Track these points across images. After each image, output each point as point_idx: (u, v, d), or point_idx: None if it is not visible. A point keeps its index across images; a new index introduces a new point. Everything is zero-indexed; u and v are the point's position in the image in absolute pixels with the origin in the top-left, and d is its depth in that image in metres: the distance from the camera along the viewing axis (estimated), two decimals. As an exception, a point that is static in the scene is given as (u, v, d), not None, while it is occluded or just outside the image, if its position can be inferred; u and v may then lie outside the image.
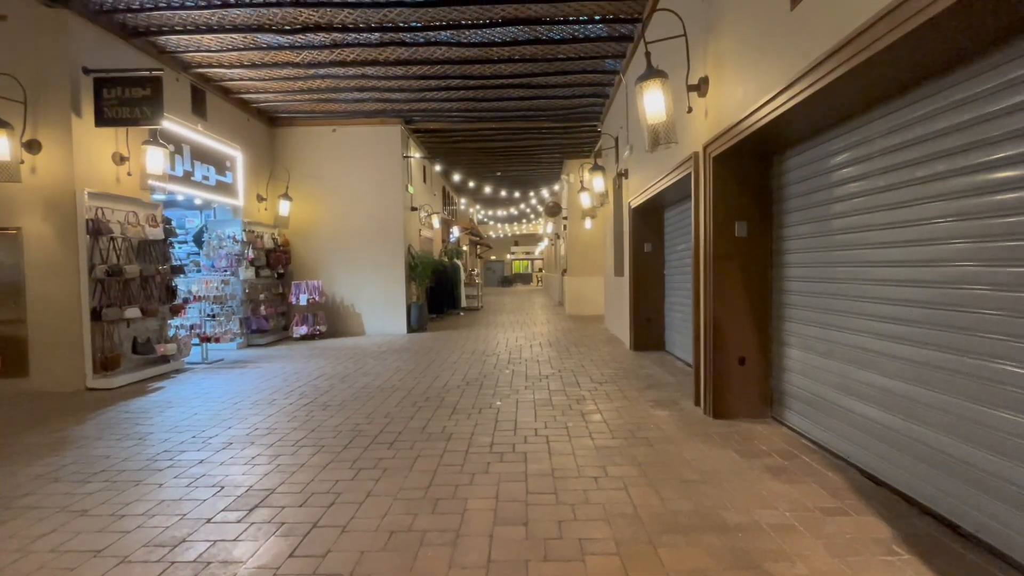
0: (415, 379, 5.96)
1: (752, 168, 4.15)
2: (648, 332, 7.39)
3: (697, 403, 4.53)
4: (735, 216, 4.17)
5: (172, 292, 6.72)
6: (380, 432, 4.10)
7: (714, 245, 4.20)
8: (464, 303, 14.86)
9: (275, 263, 9.36)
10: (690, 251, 5.51)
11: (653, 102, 3.91)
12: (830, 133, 3.42)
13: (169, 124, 6.94)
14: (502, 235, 38.43)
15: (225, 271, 8.40)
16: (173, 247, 7.10)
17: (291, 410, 4.76)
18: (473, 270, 19.02)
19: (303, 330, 9.32)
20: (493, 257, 41.78)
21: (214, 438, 4.04)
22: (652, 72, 3.88)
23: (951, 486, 2.59)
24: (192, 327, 7.55)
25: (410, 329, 10.31)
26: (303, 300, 9.38)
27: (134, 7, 5.93)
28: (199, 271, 8.46)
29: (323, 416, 4.55)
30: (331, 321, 9.95)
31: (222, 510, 2.89)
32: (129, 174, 6.29)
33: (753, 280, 4.19)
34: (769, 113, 3.23)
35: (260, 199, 9.51)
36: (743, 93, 3.60)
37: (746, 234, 4.16)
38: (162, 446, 3.88)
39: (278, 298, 9.66)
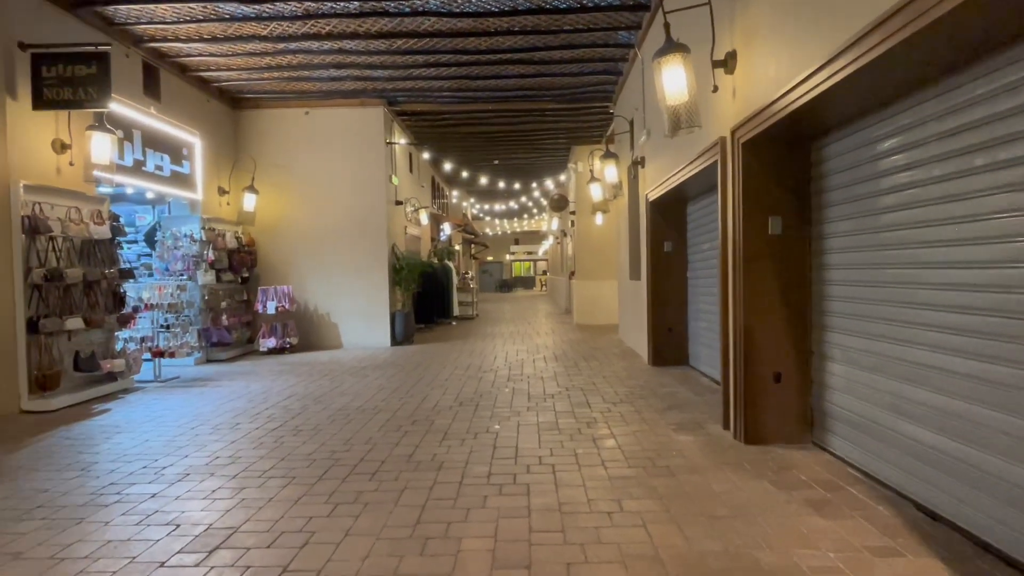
0: (400, 399, 5.96)
1: (787, 156, 4.16)
2: (669, 344, 7.41)
3: (726, 426, 4.53)
4: (768, 211, 4.17)
5: (120, 300, 6.71)
6: (360, 461, 4.09)
7: (744, 244, 4.20)
8: (457, 311, 14.89)
9: (239, 266, 9.36)
10: (716, 251, 5.52)
11: (673, 80, 3.92)
12: (877, 115, 3.42)
13: (118, 107, 6.95)
14: (500, 233, 38.52)
15: (181, 275, 8.39)
16: (122, 248, 7.09)
17: (257, 436, 4.75)
18: (467, 273, 19.04)
19: (271, 343, 9.32)
20: (490, 258, 41.86)
21: (168, 468, 4.02)
22: (672, 46, 3.89)
23: (1023, 522, 2.57)
24: (143, 340, 7.53)
25: (395, 341, 10.30)
26: (271, 308, 9.38)
27: (78, -27, 5.96)
28: (151, 275, 8.45)
29: (294, 442, 4.54)
30: (303, 332, 9.96)
31: (178, 552, 2.86)
32: (71, 164, 6.30)
33: (789, 284, 4.19)
34: (806, 93, 3.24)
35: (222, 192, 9.52)
36: (776, 70, 3.61)
37: (780, 231, 4.18)
38: (109, 478, 3.86)
39: (242, 306, 9.66)
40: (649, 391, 6.05)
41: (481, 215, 31.17)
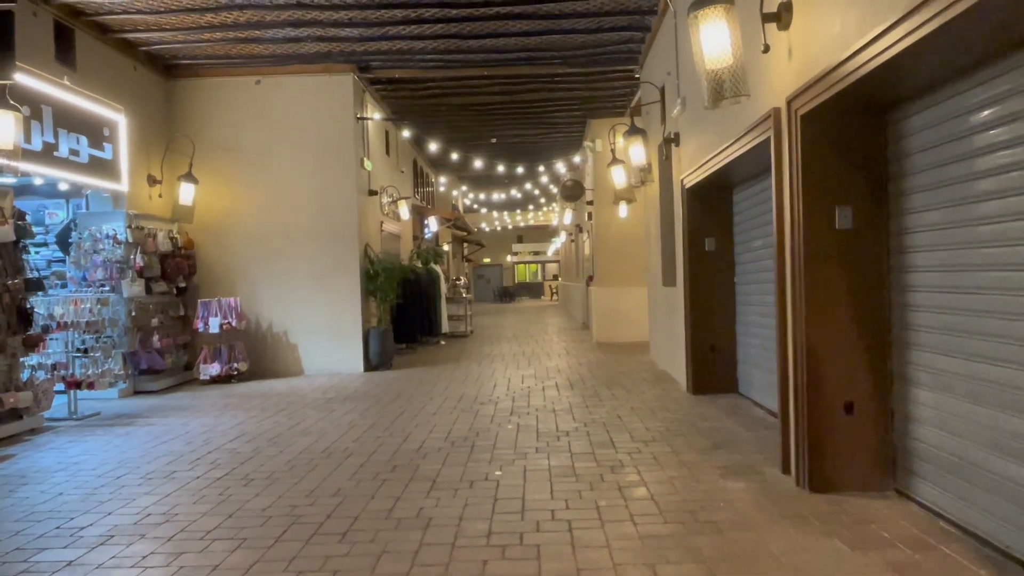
0: (377, 439, 5.96)
1: (857, 131, 4.17)
2: (713, 367, 7.42)
3: (786, 470, 4.52)
4: (834, 199, 4.18)
5: (26, 317, 6.72)
6: (327, 518, 4.08)
7: (805, 241, 4.20)
8: (446, 327, 14.93)
9: (174, 273, 9.39)
10: (771, 250, 5.52)
11: (714, 38, 3.93)
12: (971, 79, 3.42)
13: (23, 77, 6.99)
14: (499, 228, 38.61)
15: (102, 286, 8.41)
16: (28, 252, 7.11)
17: (198, 487, 4.75)
18: (458, 279, 19.05)
19: (214, 369, 9.34)
20: (487, 260, 41.97)
21: (88, 529, 4.01)
22: (712, -5, 3.91)
23: None
24: (55, 367, 7.54)
25: (369, 366, 10.30)
26: (214, 326, 9.41)
27: (-27, -87, 6.02)
28: (65, 286, 8.47)
29: (244, 495, 4.53)
30: (254, 356, 9.97)
31: (99, 636, 2.85)
32: (-35, 149, 6.32)
33: (862, 290, 4.19)
34: (883, 51, 3.23)
35: (153, 182, 9.56)
36: (842, 24, 3.62)
37: (851, 225, 4.18)
38: (12, 541, 3.86)
39: (178, 324, 9.68)
40: (688, 426, 6.04)
41: (475, 207, 31.24)
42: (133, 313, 8.65)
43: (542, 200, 28.73)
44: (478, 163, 15.12)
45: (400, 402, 7.69)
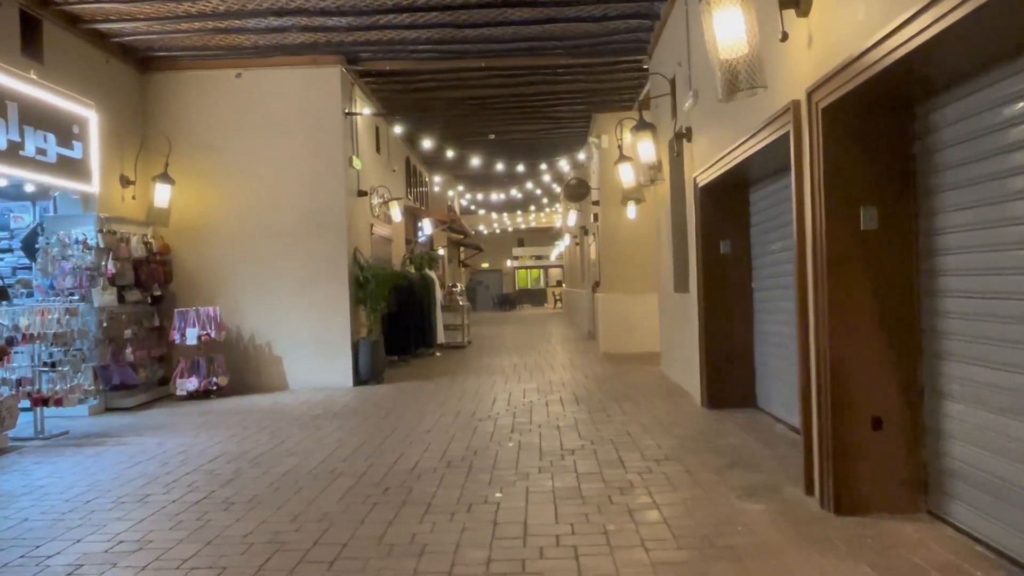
0: (367, 459, 5.95)
1: (883, 125, 4.16)
2: (729, 379, 7.41)
3: (809, 490, 4.50)
4: (859, 198, 4.18)
5: (-10, 329, 6.70)
6: (314, 545, 4.07)
7: (828, 243, 4.20)
8: (442, 338, 14.92)
9: (148, 281, 9.38)
10: (791, 253, 5.48)
11: (728, 26, 3.94)
12: (1006, 69, 3.42)
13: (-14, 71, 7.00)
14: (498, 231, 38.62)
15: (71, 294, 8.40)
16: (-8, 259, 7.10)
17: (174, 511, 4.74)
18: (455, 285, 19.04)
19: (192, 384, 9.33)
20: (485, 265, 41.95)
21: (55, 558, 3.99)
22: (726, -20, 3.92)
23: None
24: (20, 383, 7.52)
25: (358, 380, 10.29)
26: (192, 337, 9.39)
27: None
28: (31, 295, 8.46)
29: (224, 520, 4.52)
30: (235, 369, 9.96)
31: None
32: (-76, 148, 6.34)
33: (890, 296, 4.18)
34: (909, 40, 3.23)
35: (126, 182, 9.56)
36: (866, 10, 3.62)
37: (877, 226, 4.18)
38: (-27, 572, 3.84)
39: (153, 335, 9.67)
40: (703, 443, 6.03)
41: (473, 208, 31.26)
42: (104, 324, 8.63)
43: (544, 201, 28.74)
44: (475, 161, 15.14)
45: (392, 419, 7.66)
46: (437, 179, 20.55)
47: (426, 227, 17.17)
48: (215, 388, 9.50)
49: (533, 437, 6.55)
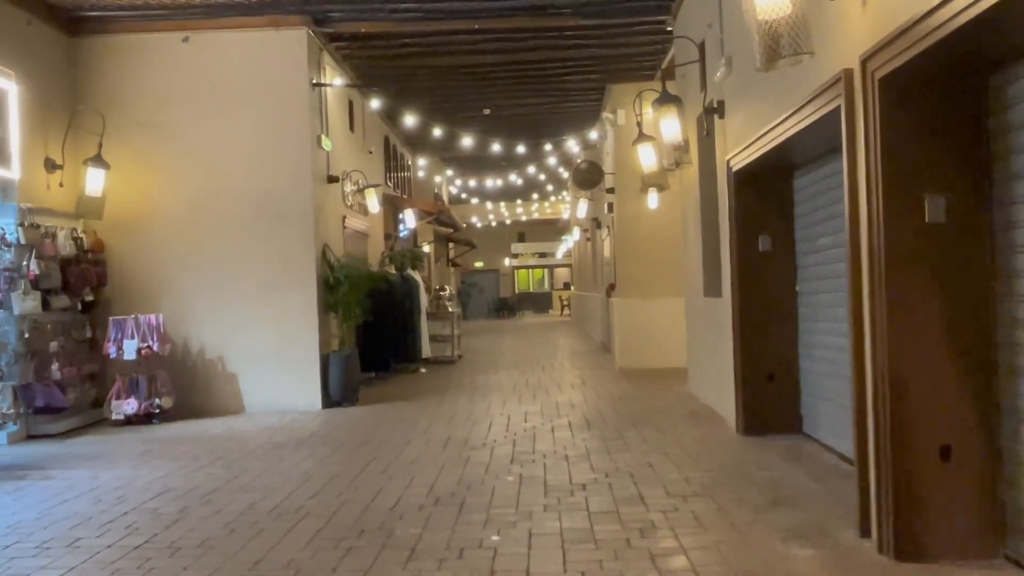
0: (340, 495, 5.91)
1: (952, 98, 4.13)
2: (770, 400, 7.39)
3: (865, 532, 4.48)
4: (924, 185, 4.15)
5: None
6: (275, 599, 4.03)
7: (886, 238, 4.18)
8: (428, 351, 14.86)
9: (78, 284, 9.34)
10: (843, 250, 5.46)
11: (768, -20, 3.91)
12: (1097, 30, 3.38)
13: None
14: (495, 224, 38.61)
15: (-12, 300, 8.35)
16: None
17: (110, 559, 4.70)
18: (443, 289, 19.01)
19: (130, 407, 9.29)
20: (479, 264, 41.95)
21: (-35, 616, 3.96)
22: (765, -75, 3.91)
23: None
24: (-73, 405, 7.48)
25: (329, 401, 10.27)
26: (130, 351, 9.35)
27: None
28: (-60, 301, 8.41)
29: (170, 568, 4.50)
30: (182, 389, 9.92)
31: None
32: None
33: (961, 302, 4.16)
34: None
35: (52, 167, 9.53)
36: (933, -39, 3.58)
37: (944, 218, 4.15)
38: None
39: (84, 348, 9.62)
40: (739, 476, 5.99)
41: (464, 196, 31.22)
42: (26, 335, 8.58)
43: (549, 188, 28.72)
44: (467, 141, 15.09)
45: (369, 447, 7.63)
46: (422, 162, 20.52)
47: (409, 219, 17.12)
48: (158, 411, 9.43)
49: (536, 469, 6.51)
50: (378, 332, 12.86)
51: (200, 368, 10.08)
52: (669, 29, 10.36)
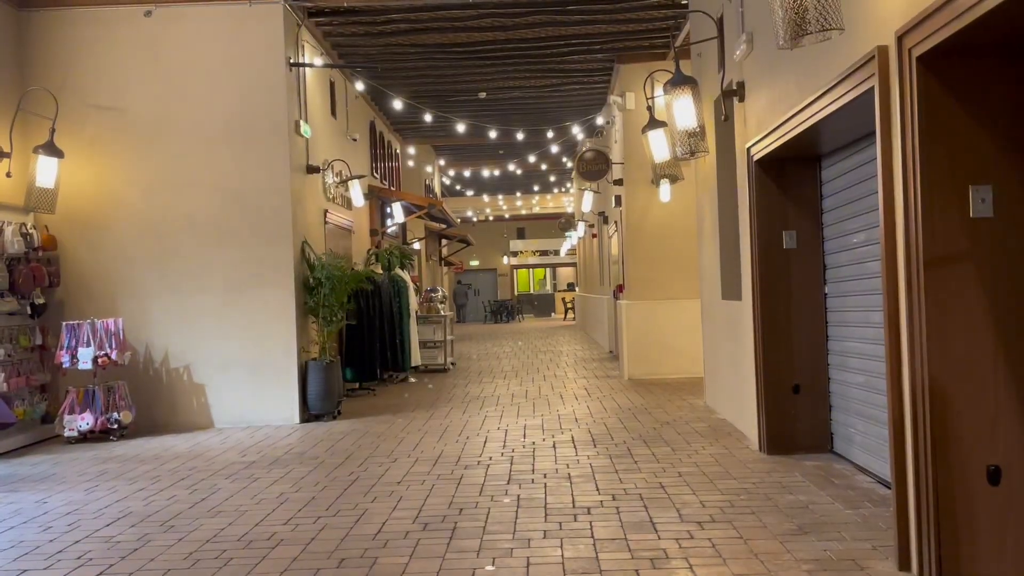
0: (318, 521, 5.89)
1: (999, 77, 4.11)
2: (796, 415, 7.37)
3: (904, 565, 4.46)
4: (968, 174, 4.13)
5: None
6: (245, 636, 4.03)
7: (925, 234, 4.15)
8: (418, 359, 14.84)
9: (27, 284, 9.32)
10: (876, 247, 5.47)
11: (794, -52, 3.91)
12: None
13: None
14: (492, 218, 38.60)
15: (-73, 303, 8.34)
16: None
17: (61, 592, 4.67)
18: (435, 289, 18.97)
19: (85, 422, 9.25)
20: (475, 262, 41.91)
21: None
22: None
23: None
24: None
25: (307, 415, 10.25)
26: (85, 360, 9.31)
27: None
28: None
29: (127, 603, 4.48)
30: (143, 402, 9.90)
31: None
32: None
33: (1011, 306, 4.13)
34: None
35: (-2, 155, 9.52)
36: (977, -73, 3.58)
37: (992, 212, 4.13)
38: None
39: (33, 357, 9.60)
40: (762, 500, 5.96)
41: (458, 188, 31.18)
42: (-30, 342, 8.58)
43: (551, 179, 28.70)
44: (461, 127, 15.06)
45: (351, 466, 7.60)
46: (412, 151, 20.48)
47: (397, 213, 17.05)
48: (116, 427, 9.39)
49: (536, 491, 6.47)
50: (363, 338, 12.83)
51: (163, 379, 10.06)
52: (684, 2, 10.35)
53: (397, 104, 14.07)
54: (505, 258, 43.33)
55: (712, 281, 9.77)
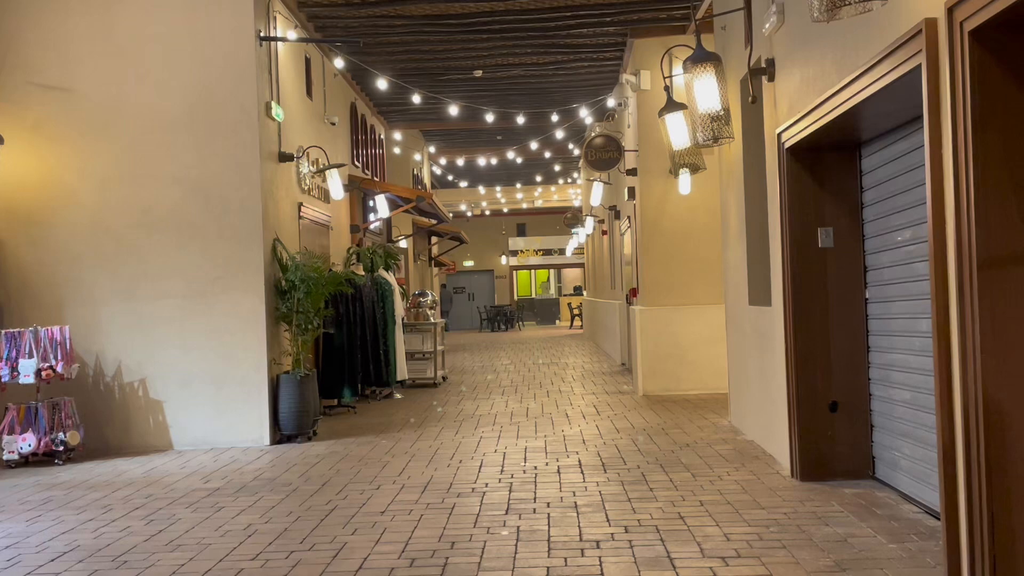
0: (291, 556, 5.90)
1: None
2: (833, 436, 7.41)
3: (957, 611, 4.46)
4: (1026, 167, 4.13)
5: None
6: None
7: (978, 233, 4.13)
8: (404, 372, 14.96)
9: (-35, 288, 9.22)
10: (924, 246, 5.46)
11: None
12: None
13: None
14: (488, 213, 38.81)
15: None
16: None
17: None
18: (424, 294, 18.94)
19: (27, 444, 9.27)
20: (470, 263, 42.19)
21: None
22: None
23: None
24: None
25: (279, 435, 10.34)
26: (27, 373, 9.32)
27: None
28: None
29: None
30: (93, 421, 9.96)
31: None
32: None
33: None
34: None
35: (-70, 142, 9.48)
36: None
37: (1054, 208, 4.13)
38: None
39: (-30, 370, 9.51)
40: (795, 532, 5.96)
41: (451, 179, 31.30)
42: (-102, 353, 8.48)
43: (556, 168, 28.89)
44: (454, 110, 15.06)
45: (328, 493, 7.60)
46: (398, 136, 20.62)
47: (381, 208, 17.07)
48: (62, 449, 9.38)
49: (538, 522, 6.47)
50: (342, 348, 12.90)
51: (116, 394, 10.07)
52: (705, -31, 10.34)
53: (381, 83, 14.13)
54: (503, 258, 43.75)
55: (738, 284, 9.83)
